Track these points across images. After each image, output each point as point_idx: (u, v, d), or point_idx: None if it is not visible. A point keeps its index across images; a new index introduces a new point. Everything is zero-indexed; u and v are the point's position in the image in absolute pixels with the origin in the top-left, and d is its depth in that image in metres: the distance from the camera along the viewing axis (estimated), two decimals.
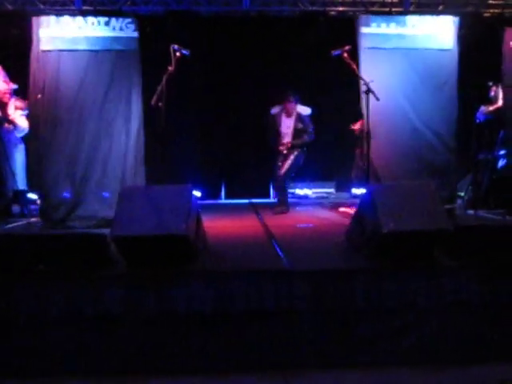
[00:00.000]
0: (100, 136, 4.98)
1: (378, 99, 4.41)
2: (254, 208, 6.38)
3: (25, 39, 5.04)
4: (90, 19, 5.05)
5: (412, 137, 5.29)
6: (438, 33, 5.40)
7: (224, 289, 2.90)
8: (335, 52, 4.72)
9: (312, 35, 6.80)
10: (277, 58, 7.08)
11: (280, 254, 3.47)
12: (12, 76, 5.90)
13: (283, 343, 2.86)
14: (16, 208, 5.57)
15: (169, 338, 2.85)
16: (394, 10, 6.65)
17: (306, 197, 7.52)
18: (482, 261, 3.03)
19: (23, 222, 5.15)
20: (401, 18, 5.47)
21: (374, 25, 5.32)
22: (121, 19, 5.07)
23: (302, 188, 7.60)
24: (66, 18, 5.04)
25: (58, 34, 4.97)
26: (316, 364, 2.84)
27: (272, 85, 7.09)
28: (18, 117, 5.43)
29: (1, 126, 5.21)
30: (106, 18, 5.06)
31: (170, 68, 4.30)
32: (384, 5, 6.71)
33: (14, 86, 5.43)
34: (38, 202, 6.53)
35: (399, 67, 5.25)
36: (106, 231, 3.18)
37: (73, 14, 5.34)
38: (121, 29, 5.06)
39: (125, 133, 5.00)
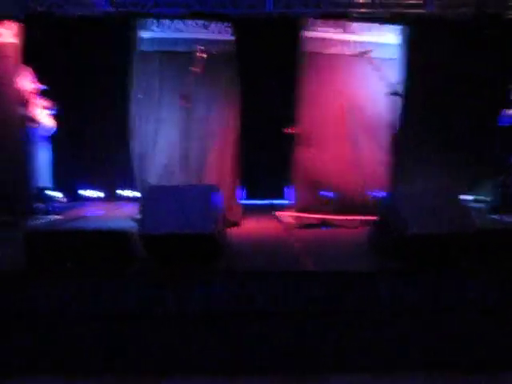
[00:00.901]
0: (199, 136, 5.09)
1: (403, 101, 4.38)
2: (275, 209, 6.39)
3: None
4: (190, 22, 5.29)
5: (351, 145, 5.12)
6: (384, 42, 5.26)
7: (246, 288, 2.93)
8: (360, 53, 4.75)
9: None
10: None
11: (303, 255, 3.49)
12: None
13: (301, 344, 2.87)
14: (40, 205, 5.66)
15: (187, 338, 2.88)
16: (413, 11, 6.63)
17: None
18: (506, 265, 3.01)
19: (47, 219, 5.26)
20: (346, 24, 5.33)
21: (318, 29, 5.24)
22: (219, 23, 5.29)
23: None
24: (167, 21, 5.29)
25: (159, 36, 5.19)
26: (331, 366, 2.85)
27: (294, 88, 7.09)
28: (45, 116, 5.53)
29: (27, 125, 5.32)
30: (205, 22, 5.29)
31: (196, 69, 4.36)
32: (407, 6, 6.67)
33: (42, 87, 5.53)
34: (63, 199, 6.69)
35: (342, 74, 5.13)
36: None
37: (173, 16, 5.54)
38: (219, 32, 5.27)
39: (223, 133, 5.14)
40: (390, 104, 5.02)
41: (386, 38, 5.31)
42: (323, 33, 5.23)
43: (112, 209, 6.45)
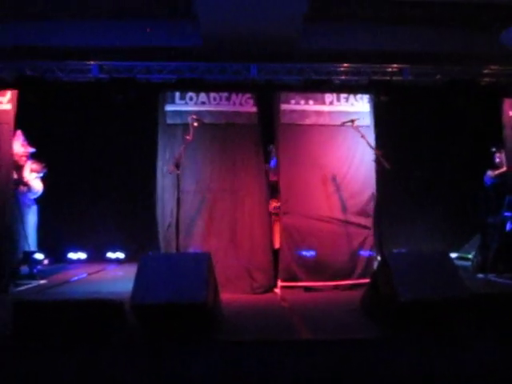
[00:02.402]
0: (228, 206, 5.14)
1: (387, 167, 4.52)
2: None
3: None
4: (213, 94, 5.47)
5: (330, 210, 5.21)
6: (355, 110, 5.48)
7: (241, 360, 2.87)
8: (345, 122, 4.97)
9: None
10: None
11: (296, 322, 3.46)
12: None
13: None
14: (24, 269, 5.56)
15: None
16: (394, 78, 7.01)
17: None
18: (502, 330, 3.02)
19: (33, 284, 5.14)
20: (318, 95, 5.59)
21: (292, 102, 5.49)
22: (240, 95, 5.48)
23: None
24: (190, 94, 5.46)
25: (184, 109, 5.35)
26: None
27: None
28: (33, 179, 5.54)
29: (16, 188, 5.31)
30: (227, 94, 5.47)
31: (187, 137, 4.49)
32: (385, 74, 7.04)
33: (32, 150, 5.58)
34: (45, 261, 6.57)
35: (317, 142, 5.35)
36: None
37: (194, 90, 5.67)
38: (240, 104, 5.45)
39: (251, 202, 5.16)
40: (370, 169, 5.24)
41: (357, 107, 5.56)
42: (298, 105, 5.47)
43: (96, 271, 6.37)
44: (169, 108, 5.37)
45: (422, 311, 3.11)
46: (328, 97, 5.58)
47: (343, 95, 5.64)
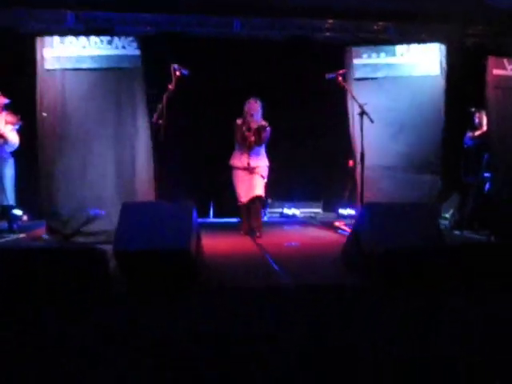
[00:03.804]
0: (108, 153, 5.04)
1: (372, 121, 4.55)
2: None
3: (30, 58, 5.12)
4: (93, 38, 5.16)
5: (399, 160, 5.54)
6: (425, 60, 5.69)
7: (228, 308, 2.90)
8: (329, 75, 4.89)
9: (301, 59, 6.97)
10: (266, 81, 7.14)
11: (279, 271, 3.51)
12: (18, 94, 5.84)
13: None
14: (3, 224, 5.47)
15: (170, 363, 2.80)
16: (380, 36, 6.91)
17: (293, 216, 7.60)
18: (480, 280, 3.09)
19: (12, 237, 5.07)
20: (390, 47, 5.72)
21: (364, 56, 5.62)
22: (123, 38, 5.19)
23: (289, 208, 7.69)
24: (70, 38, 5.15)
25: (63, 54, 5.09)
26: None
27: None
28: (9, 131, 5.35)
29: None
30: (109, 37, 5.18)
31: (170, 87, 4.38)
32: (370, 31, 6.94)
33: (6, 101, 5.38)
34: (24, 217, 6.48)
35: (389, 95, 5.52)
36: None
37: (73, 33, 5.38)
38: (123, 47, 5.17)
39: (131, 149, 5.04)
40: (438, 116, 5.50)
41: (428, 56, 5.69)
42: (370, 59, 5.63)
43: None
44: (47, 53, 5.10)
45: (401, 261, 3.18)
46: (399, 48, 5.68)
47: (414, 45, 5.73)
